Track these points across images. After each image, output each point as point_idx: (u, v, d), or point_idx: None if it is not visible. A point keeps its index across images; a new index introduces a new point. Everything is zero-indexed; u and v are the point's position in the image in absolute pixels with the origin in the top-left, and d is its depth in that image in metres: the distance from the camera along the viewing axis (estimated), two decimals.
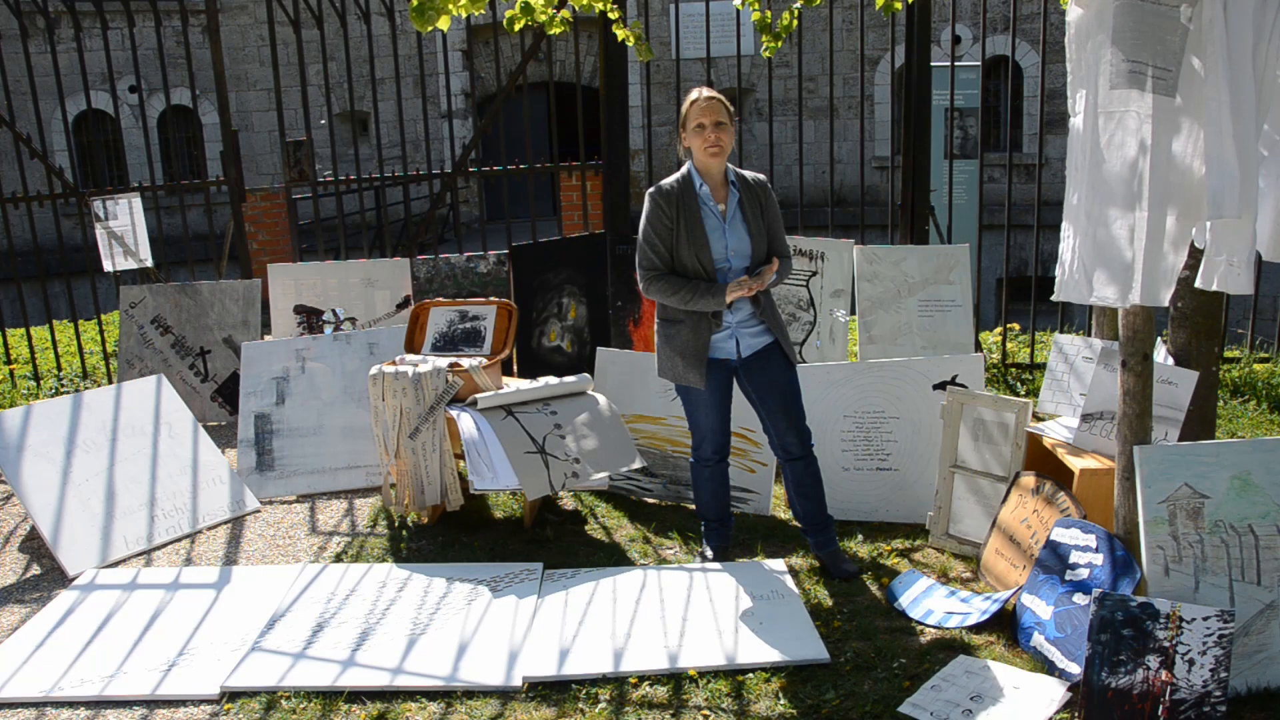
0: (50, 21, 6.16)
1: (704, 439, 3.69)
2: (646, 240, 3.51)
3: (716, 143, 3.45)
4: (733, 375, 3.62)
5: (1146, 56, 2.57)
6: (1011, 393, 5.65)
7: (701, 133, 3.45)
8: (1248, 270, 2.79)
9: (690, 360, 3.53)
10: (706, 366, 3.53)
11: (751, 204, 3.54)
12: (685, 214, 3.48)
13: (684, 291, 3.45)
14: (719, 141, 3.46)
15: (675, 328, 3.55)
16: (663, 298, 3.52)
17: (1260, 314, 6.54)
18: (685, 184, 3.52)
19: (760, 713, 2.81)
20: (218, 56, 6.23)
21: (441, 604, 3.48)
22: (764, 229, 3.55)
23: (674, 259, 3.50)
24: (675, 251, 3.49)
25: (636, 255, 3.56)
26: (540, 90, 15.32)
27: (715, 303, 3.44)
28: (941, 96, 8.32)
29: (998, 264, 13.20)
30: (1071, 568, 3.05)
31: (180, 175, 15.65)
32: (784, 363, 3.57)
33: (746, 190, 3.56)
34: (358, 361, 4.93)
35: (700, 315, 3.49)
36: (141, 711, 2.93)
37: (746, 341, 3.56)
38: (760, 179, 3.62)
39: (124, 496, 4.22)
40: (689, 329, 3.51)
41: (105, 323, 7.81)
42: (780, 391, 3.56)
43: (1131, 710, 2.60)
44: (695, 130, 3.46)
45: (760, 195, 3.58)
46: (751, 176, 3.60)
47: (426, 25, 3.27)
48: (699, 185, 3.52)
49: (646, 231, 3.52)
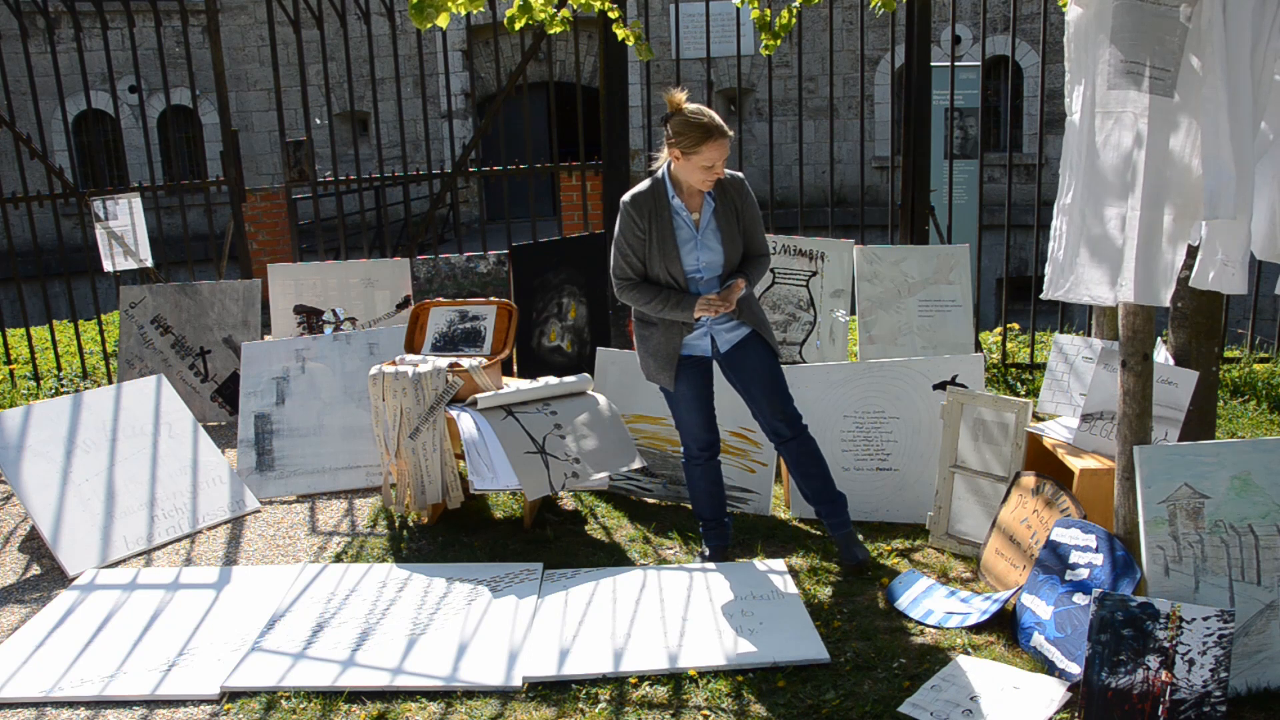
0: (50, 21, 6.16)
1: (689, 436, 3.71)
2: (619, 250, 3.52)
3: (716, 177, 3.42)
4: (711, 369, 3.65)
5: (1144, 56, 2.57)
6: (1011, 393, 5.65)
7: (709, 170, 3.38)
8: (1243, 270, 2.80)
9: (661, 362, 3.57)
10: (681, 364, 3.57)
11: (727, 211, 3.50)
12: (657, 225, 3.46)
13: (655, 301, 3.48)
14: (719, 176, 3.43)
15: (649, 330, 3.59)
16: (635, 305, 3.56)
17: (1260, 314, 6.54)
18: (658, 193, 3.48)
19: (760, 713, 2.81)
20: (218, 56, 6.23)
21: (441, 604, 3.48)
22: (739, 235, 3.53)
23: (646, 268, 3.51)
24: (647, 262, 3.49)
25: (610, 262, 3.58)
26: (540, 90, 15.32)
27: (684, 315, 3.47)
28: (941, 96, 8.32)
29: (998, 264, 13.20)
30: (1071, 568, 3.05)
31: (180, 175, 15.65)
32: (764, 350, 3.59)
33: (722, 196, 3.51)
34: (358, 361, 4.93)
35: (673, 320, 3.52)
36: (141, 711, 2.93)
37: (724, 337, 3.59)
38: (737, 177, 3.55)
39: (124, 496, 4.22)
40: (661, 332, 3.55)
41: (105, 323, 7.81)
42: (762, 378, 3.58)
43: (1131, 710, 2.60)
44: (701, 167, 3.36)
45: (736, 198, 3.53)
46: (729, 176, 3.52)
47: (425, 22, 3.27)
48: (671, 195, 3.48)
49: (619, 241, 3.52)
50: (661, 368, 3.58)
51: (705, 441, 3.70)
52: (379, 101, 10.11)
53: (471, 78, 16.62)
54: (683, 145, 3.36)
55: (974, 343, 5.49)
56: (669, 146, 3.42)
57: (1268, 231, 2.89)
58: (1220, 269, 2.83)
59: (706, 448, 3.71)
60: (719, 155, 3.35)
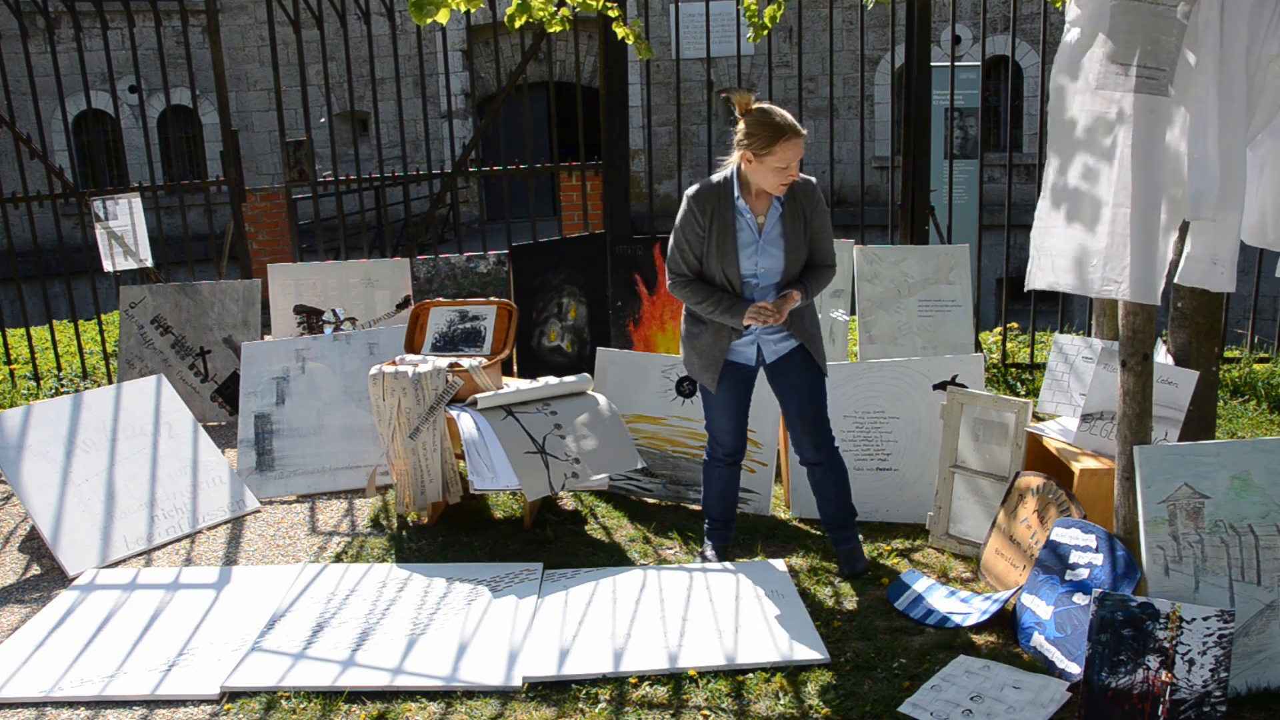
0: (50, 21, 6.16)
1: (715, 438, 3.67)
2: (677, 244, 3.42)
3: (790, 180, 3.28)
4: (754, 378, 3.59)
5: (1137, 57, 2.58)
6: (1011, 393, 5.64)
7: (782, 172, 3.24)
8: (1232, 269, 2.81)
9: (706, 362, 3.50)
10: (724, 369, 3.50)
11: (794, 217, 3.37)
12: (718, 224, 3.34)
13: (707, 303, 3.38)
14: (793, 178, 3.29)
15: (699, 328, 3.50)
16: (686, 302, 3.48)
17: (1260, 314, 6.54)
18: (724, 191, 3.36)
19: (760, 713, 2.81)
20: (218, 56, 6.23)
21: (441, 604, 3.48)
22: (804, 243, 3.39)
23: (702, 266, 3.42)
24: (704, 260, 3.40)
25: (668, 252, 3.47)
26: (540, 90, 15.32)
27: (733, 321, 3.38)
28: (941, 96, 8.32)
29: (998, 264, 13.20)
30: (1071, 568, 3.05)
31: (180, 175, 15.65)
32: (806, 368, 3.49)
33: (791, 201, 3.37)
34: (358, 361, 4.93)
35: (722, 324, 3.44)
36: (141, 711, 2.93)
37: (770, 348, 3.51)
38: (809, 181, 3.40)
39: (124, 496, 4.22)
40: (710, 334, 3.47)
41: (105, 323, 7.80)
42: (798, 396, 3.51)
43: (1131, 710, 2.60)
44: (775, 169, 3.23)
45: (806, 204, 3.38)
46: (801, 181, 3.38)
47: (425, 18, 3.27)
48: (737, 195, 3.35)
49: (678, 235, 3.42)
50: (705, 368, 3.50)
51: (731, 447, 3.67)
52: (379, 101, 10.10)
53: (471, 78, 16.62)
54: (754, 146, 3.22)
55: (974, 343, 5.49)
56: (739, 148, 3.28)
57: (1257, 221, 2.91)
58: (1209, 268, 2.85)
59: (731, 453, 3.68)
60: (794, 155, 3.19)
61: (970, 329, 5.37)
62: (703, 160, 15.72)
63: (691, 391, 4.41)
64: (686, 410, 4.41)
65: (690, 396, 4.41)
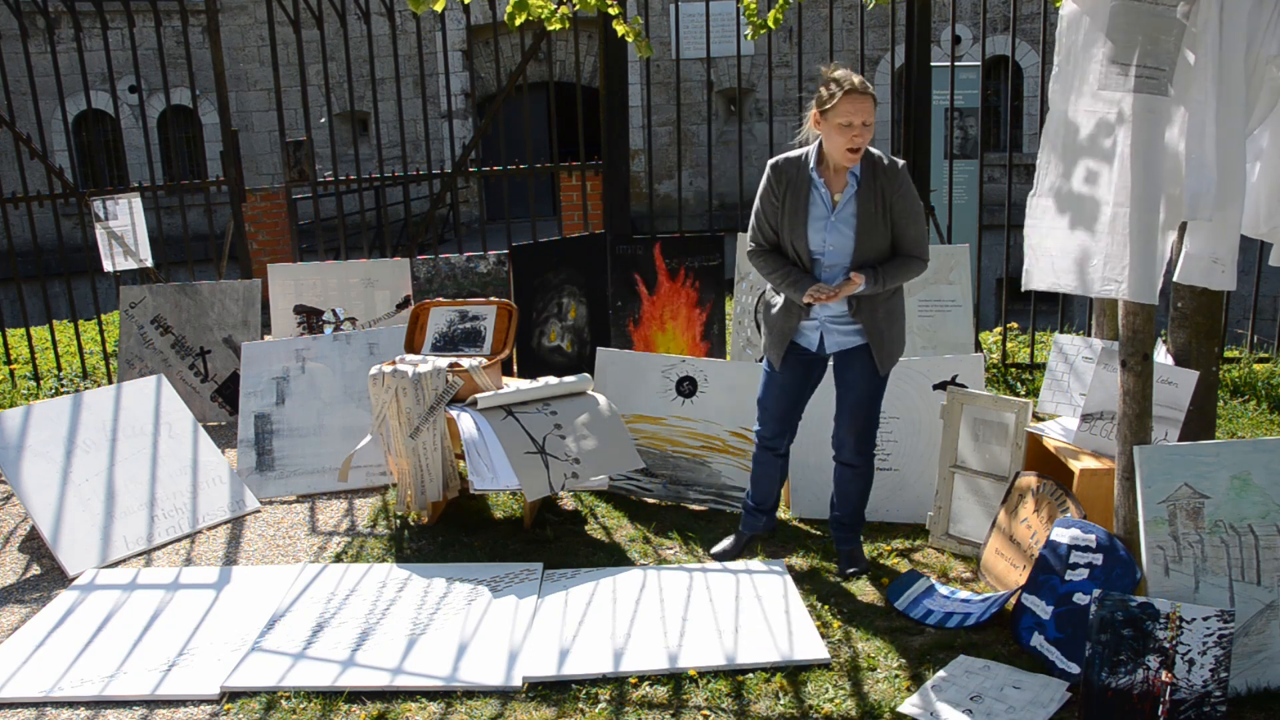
0: (50, 21, 6.16)
1: (764, 418, 3.64)
2: (756, 214, 3.44)
3: (858, 145, 3.17)
4: (818, 368, 3.56)
5: (1137, 57, 2.58)
6: (1011, 393, 5.64)
7: (846, 131, 3.15)
8: (1233, 268, 2.81)
9: (774, 338, 3.50)
10: (790, 350, 3.48)
11: (871, 196, 3.26)
12: (793, 195, 3.33)
13: (776, 275, 3.39)
14: (861, 145, 3.17)
15: (775, 301, 3.51)
16: (759, 272, 3.49)
17: (1260, 314, 6.54)
18: (803, 163, 3.33)
19: (760, 713, 2.81)
20: (218, 56, 6.23)
21: (441, 604, 3.48)
22: (882, 225, 3.28)
23: (779, 238, 3.42)
24: (780, 231, 3.39)
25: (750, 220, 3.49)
26: (540, 90, 15.32)
27: (795, 295, 3.35)
28: (941, 96, 8.32)
29: (998, 264, 13.20)
30: (1071, 568, 3.05)
31: (180, 175, 15.65)
32: (866, 367, 3.43)
33: (871, 181, 3.27)
34: (358, 361, 4.93)
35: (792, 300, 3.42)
36: (141, 711, 2.93)
37: (834, 338, 3.44)
38: (895, 162, 3.30)
39: (124, 496, 4.22)
40: (782, 310, 3.46)
41: (105, 323, 7.81)
42: (852, 395, 3.48)
43: (1131, 710, 2.60)
44: (839, 126, 3.15)
45: (886, 184, 3.27)
46: (887, 162, 3.29)
47: (421, 7, 3.28)
48: (813, 168, 3.31)
49: (757, 206, 3.44)
50: (774, 344, 3.49)
51: (773, 431, 3.63)
52: (379, 101, 10.11)
53: (471, 78, 16.62)
54: (820, 103, 3.21)
55: (974, 343, 5.49)
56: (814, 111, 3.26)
57: (1252, 212, 2.91)
58: (1210, 266, 2.85)
59: (772, 437, 3.64)
60: (855, 112, 3.12)
61: (970, 329, 5.36)
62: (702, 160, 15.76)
63: (691, 392, 4.41)
64: (686, 410, 4.41)
65: (690, 397, 4.41)
